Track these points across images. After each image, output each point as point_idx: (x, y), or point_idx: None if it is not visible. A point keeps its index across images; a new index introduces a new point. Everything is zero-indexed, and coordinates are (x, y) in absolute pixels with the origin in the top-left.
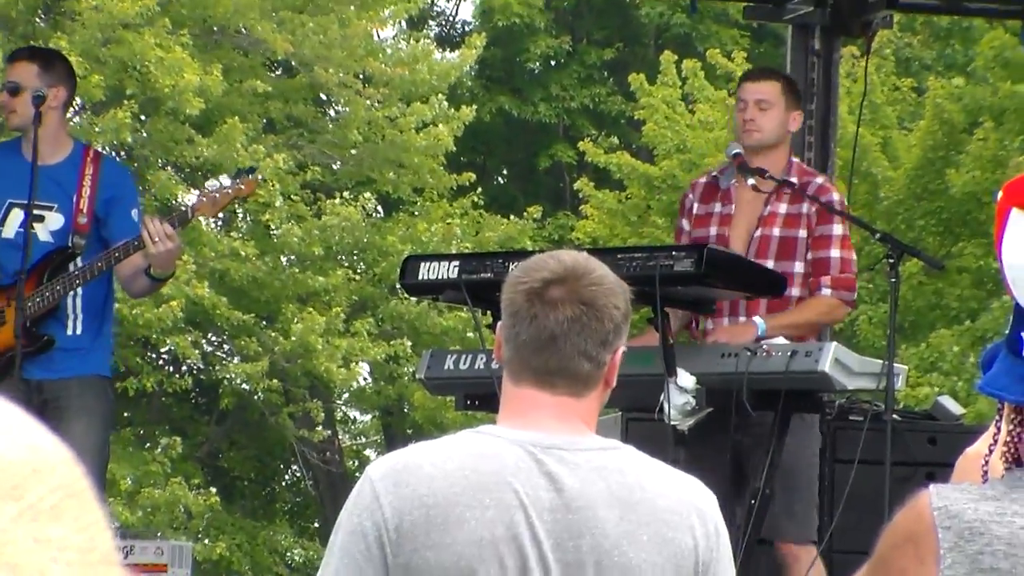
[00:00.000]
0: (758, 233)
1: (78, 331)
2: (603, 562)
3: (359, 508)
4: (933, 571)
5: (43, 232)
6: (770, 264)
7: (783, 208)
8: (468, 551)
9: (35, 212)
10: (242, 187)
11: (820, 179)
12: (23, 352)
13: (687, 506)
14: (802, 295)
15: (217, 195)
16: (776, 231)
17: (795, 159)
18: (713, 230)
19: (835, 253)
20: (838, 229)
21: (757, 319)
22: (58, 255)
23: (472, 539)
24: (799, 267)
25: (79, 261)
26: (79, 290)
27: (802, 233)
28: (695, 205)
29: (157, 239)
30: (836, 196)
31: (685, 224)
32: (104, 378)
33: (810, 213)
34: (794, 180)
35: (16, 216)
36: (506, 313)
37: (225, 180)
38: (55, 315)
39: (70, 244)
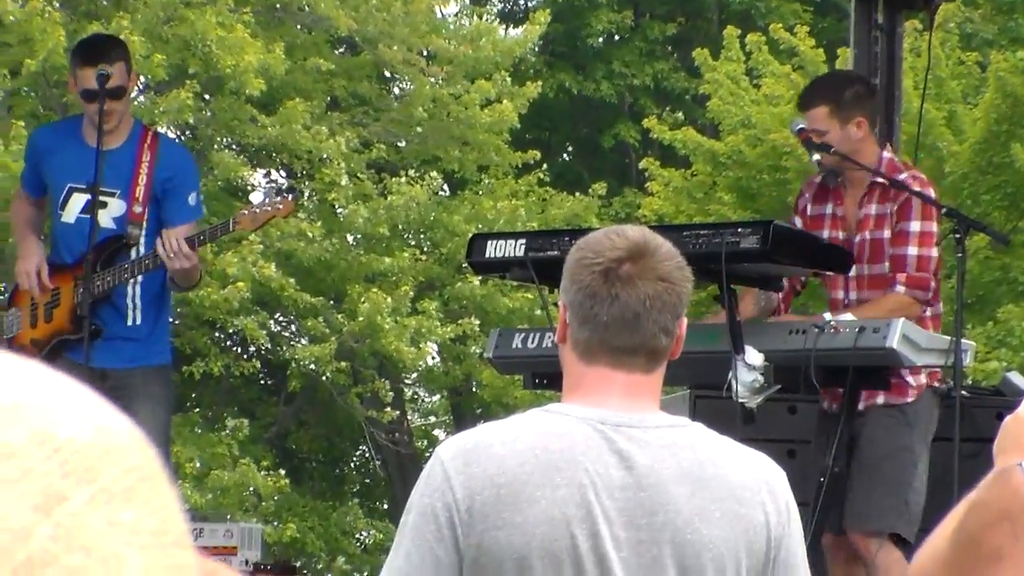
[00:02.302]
0: (857, 239)
1: (138, 321)
2: (676, 539)
3: (430, 489)
4: None
5: (105, 218)
6: (865, 269)
7: (874, 209)
8: (540, 530)
9: (100, 199)
10: (280, 207)
11: (905, 174)
12: (68, 338)
13: (758, 482)
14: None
15: (258, 211)
16: (867, 235)
17: (887, 154)
18: (826, 231)
19: (912, 251)
20: (916, 226)
21: (826, 315)
22: (113, 242)
23: (544, 518)
24: (887, 267)
25: (142, 248)
26: (139, 280)
27: (887, 233)
28: (809, 206)
29: (172, 255)
30: (920, 188)
31: (797, 222)
32: (166, 366)
33: (893, 211)
34: (881, 181)
35: (77, 201)
36: (581, 294)
37: (268, 197)
38: (115, 305)
39: (126, 233)
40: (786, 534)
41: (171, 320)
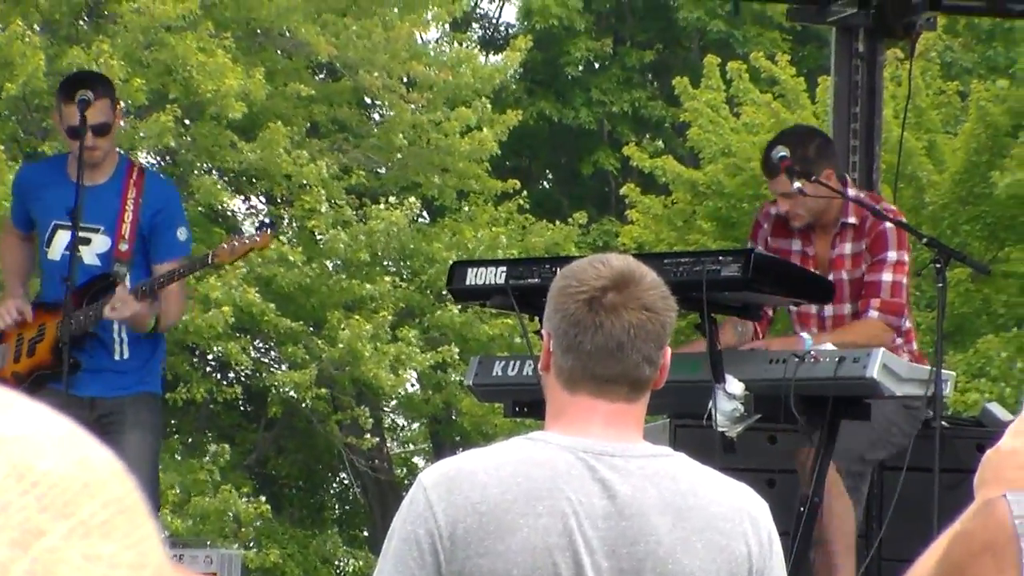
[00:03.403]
0: (831, 278)
1: (125, 356)
2: (658, 569)
3: (412, 515)
4: None
5: (89, 255)
6: (847, 307)
7: (848, 248)
8: (522, 558)
9: (81, 235)
10: (257, 239)
11: (879, 205)
12: (47, 372)
13: (740, 513)
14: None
15: (236, 244)
16: (845, 275)
17: (853, 191)
18: None
19: (887, 277)
20: (892, 255)
21: (804, 335)
22: (101, 280)
23: (526, 546)
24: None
25: (128, 283)
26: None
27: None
28: (769, 239)
29: (117, 306)
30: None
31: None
32: (156, 395)
33: (868, 246)
34: (852, 221)
35: (62, 238)
36: (564, 323)
37: (247, 230)
38: (101, 339)
39: (111, 272)
40: (768, 566)
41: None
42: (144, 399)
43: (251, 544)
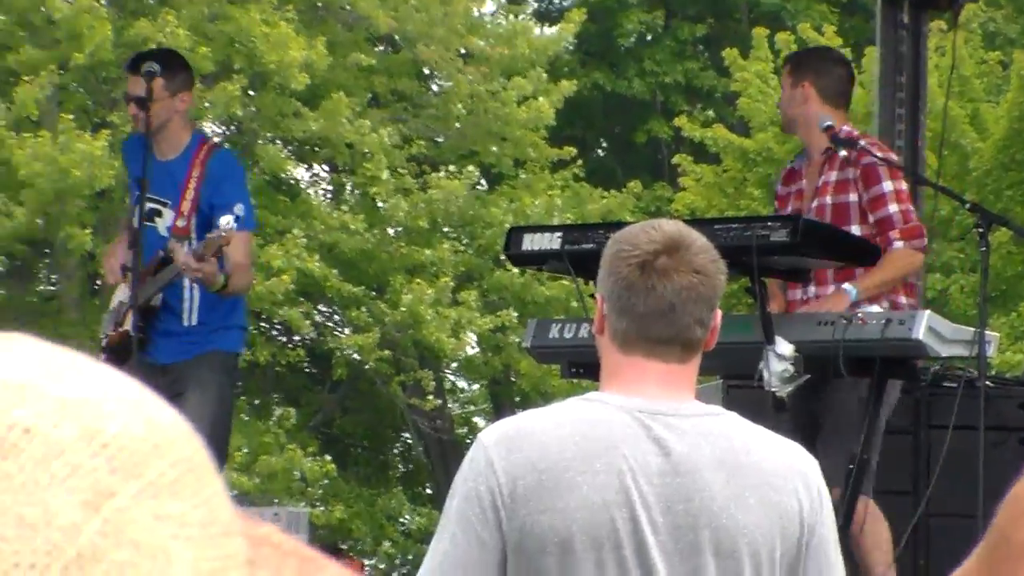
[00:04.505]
0: (815, 204)
1: (192, 321)
2: (712, 524)
3: (473, 474)
4: None
5: (161, 227)
6: (831, 289)
7: (833, 176)
8: (580, 515)
9: (154, 207)
10: (224, 235)
11: (864, 141)
12: (130, 341)
13: (792, 470)
14: None
15: (211, 238)
16: (828, 199)
17: (847, 127)
18: (790, 207)
19: (893, 208)
20: (888, 185)
21: (847, 286)
22: (164, 254)
23: (584, 503)
24: (856, 230)
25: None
26: (195, 284)
27: (852, 197)
28: (780, 188)
29: (184, 268)
30: (881, 153)
31: (777, 208)
32: (224, 352)
33: (856, 177)
34: (878, 153)
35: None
36: (618, 286)
37: (225, 224)
38: (170, 307)
39: (166, 248)
40: (818, 521)
41: (243, 312)
42: (207, 359)
43: (317, 502)
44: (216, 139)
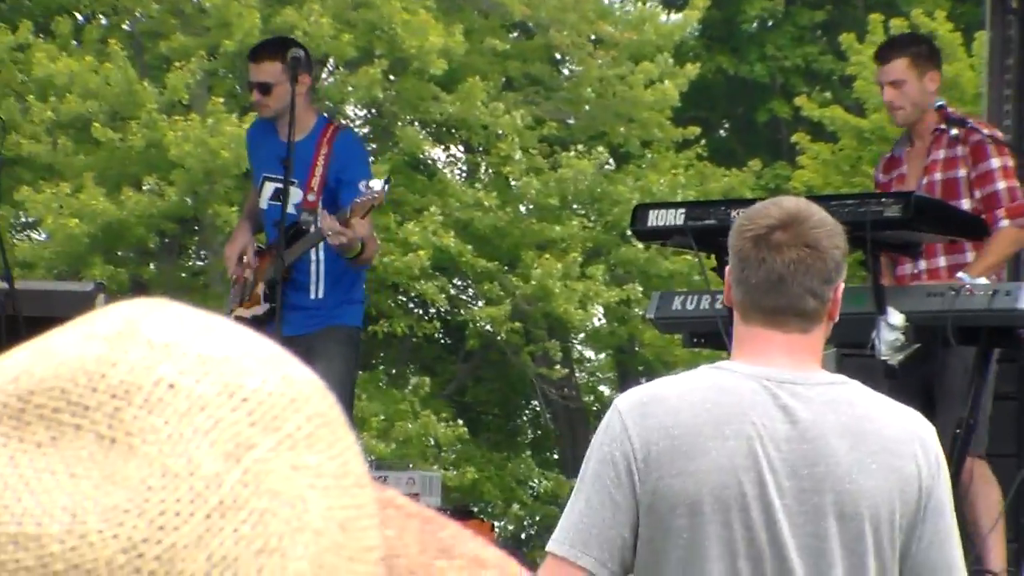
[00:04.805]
0: (924, 181)
1: (320, 295)
2: (837, 488)
3: (609, 438)
4: None
5: (290, 205)
6: (942, 261)
7: (941, 154)
8: (711, 478)
9: (281, 187)
10: (376, 196)
11: (972, 121)
12: (258, 313)
13: (911, 436)
14: None
15: (362, 200)
16: (938, 175)
17: (948, 109)
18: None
19: (1001, 185)
20: (996, 162)
21: (961, 274)
22: (293, 227)
23: (714, 467)
24: (965, 204)
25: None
26: (321, 257)
27: (961, 172)
28: (881, 176)
29: (330, 233)
30: (989, 131)
31: None
32: (348, 327)
33: (965, 154)
34: (986, 131)
35: (268, 189)
36: (735, 258)
37: (375, 185)
38: (298, 281)
39: (300, 220)
40: (935, 484)
41: (363, 287)
42: (332, 332)
43: (450, 466)
44: (358, 121)
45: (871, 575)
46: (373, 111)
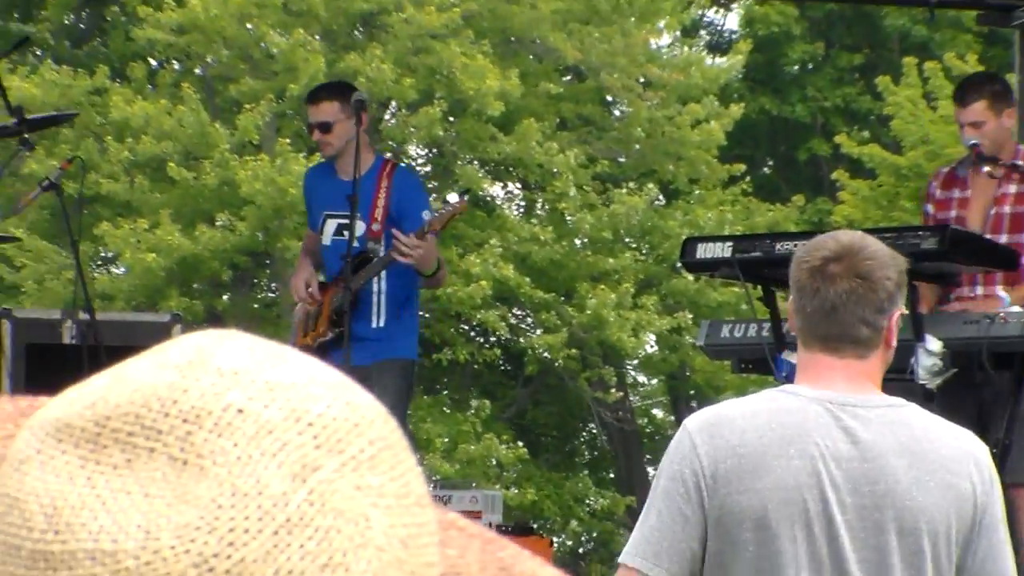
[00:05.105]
0: (993, 212)
1: (381, 323)
2: (896, 505)
3: (679, 456)
4: None
5: (354, 239)
6: (1003, 239)
7: (1013, 188)
8: (776, 495)
9: (346, 221)
10: (458, 206)
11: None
12: (324, 341)
13: (966, 455)
14: None
15: (443, 212)
16: (1007, 208)
17: (1021, 146)
18: (953, 212)
19: None
20: None
21: (1002, 293)
22: (359, 257)
23: (779, 484)
24: None
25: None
26: (383, 287)
27: None
28: (937, 191)
29: (405, 250)
30: None
31: (929, 208)
32: (405, 360)
33: None
34: (1020, 162)
35: (330, 226)
36: (794, 288)
37: (452, 198)
38: (362, 311)
39: (367, 249)
40: (989, 502)
41: (418, 319)
42: (388, 365)
43: (511, 486)
44: (420, 160)
45: None
46: (434, 150)
